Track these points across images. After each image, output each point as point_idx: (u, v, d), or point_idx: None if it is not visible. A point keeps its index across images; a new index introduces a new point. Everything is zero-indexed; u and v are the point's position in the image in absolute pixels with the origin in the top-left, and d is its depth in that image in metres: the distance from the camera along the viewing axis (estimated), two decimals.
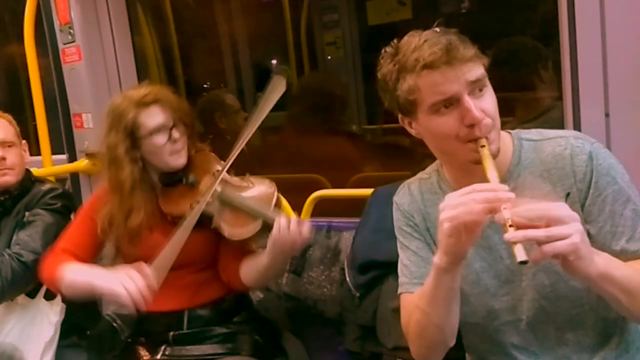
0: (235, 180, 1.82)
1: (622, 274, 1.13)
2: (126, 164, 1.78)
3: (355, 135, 3.23)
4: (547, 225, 1.03)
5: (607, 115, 1.58)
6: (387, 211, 1.80)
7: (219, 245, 1.85)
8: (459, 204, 1.10)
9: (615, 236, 1.22)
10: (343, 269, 1.88)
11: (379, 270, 1.77)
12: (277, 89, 1.74)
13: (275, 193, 1.75)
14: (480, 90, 1.20)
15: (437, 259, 1.17)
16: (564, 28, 1.62)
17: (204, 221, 1.76)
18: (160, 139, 1.77)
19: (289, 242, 1.61)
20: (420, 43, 1.19)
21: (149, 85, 1.88)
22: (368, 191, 1.97)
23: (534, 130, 1.34)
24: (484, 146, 1.19)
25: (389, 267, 1.72)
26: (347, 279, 1.85)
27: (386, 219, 1.79)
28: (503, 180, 1.23)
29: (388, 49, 1.25)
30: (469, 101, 1.18)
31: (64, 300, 2.09)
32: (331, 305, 1.96)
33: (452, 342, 1.30)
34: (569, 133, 1.31)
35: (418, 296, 1.29)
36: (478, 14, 3.42)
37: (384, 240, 1.74)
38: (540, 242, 1.03)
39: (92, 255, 1.87)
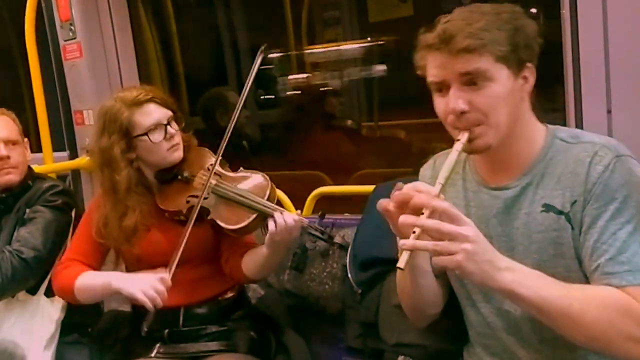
0: (229, 173, 1.84)
1: (536, 294, 1.12)
2: (122, 166, 1.78)
3: (352, 130, 3.23)
4: (441, 239, 1.10)
5: (609, 111, 1.58)
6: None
7: (220, 239, 1.86)
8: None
9: (596, 253, 1.18)
10: (345, 266, 1.88)
11: (381, 267, 1.77)
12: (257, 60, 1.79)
13: (269, 184, 1.77)
14: (475, 83, 1.19)
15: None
16: (566, 24, 1.62)
17: (202, 216, 1.78)
18: (157, 136, 1.78)
19: (287, 235, 1.65)
20: (442, 22, 1.21)
21: (139, 85, 1.89)
22: (369, 188, 1.97)
23: (573, 131, 1.31)
24: (458, 139, 1.22)
25: (391, 264, 1.70)
26: (349, 275, 1.84)
27: None
28: (523, 174, 1.27)
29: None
30: (453, 90, 1.20)
31: None
32: (333, 302, 1.96)
33: (432, 311, 1.45)
34: (604, 140, 1.24)
35: None
36: None
37: (385, 237, 1.72)
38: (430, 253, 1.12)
39: (99, 260, 1.90)
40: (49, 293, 2.06)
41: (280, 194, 2.18)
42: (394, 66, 3.36)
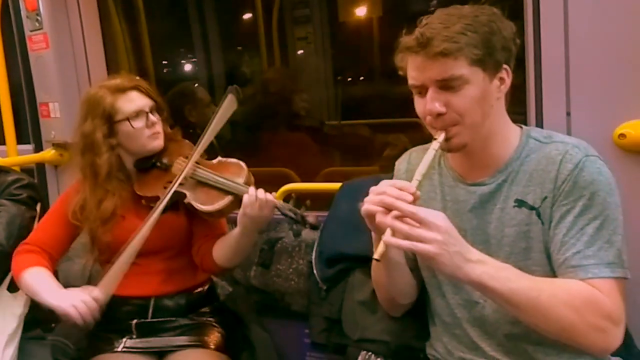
0: (207, 161, 1.87)
1: (505, 286, 1.16)
2: (104, 150, 1.80)
3: (316, 129, 3.25)
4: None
5: (568, 114, 1.62)
6: (354, 204, 1.81)
7: (193, 227, 1.88)
8: (369, 199, 1.22)
9: (564, 247, 1.23)
10: (311, 262, 1.90)
11: (346, 264, 1.80)
12: (229, 107, 1.82)
13: (246, 170, 1.80)
14: (452, 87, 1.23)
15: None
16: (529, 30, 1.66)
17: (178, 203, 1.80)
18: (139, 122, 1.80)
19: (259, 210, 1.66)
20: (421, 24, 1.24)
21: (124, 74, 1.91)
22: (336, 185, 1.99)
23: (546, 131, 1.37)
24: (435, 139, 1.27)
25: (356, 261, 1.75)
26: (315, 272, 1.86)
27: (354, 212, 1.79)
28: (499, 171, 1.32)
29: None
30: (430, 93, 1.24)
31: None
32: (298, 298, 1.98)
33: (405, 301, 1.52)
34: (575, 141, 1.30)
35: None
36: None
37: (351, 233, 1.77)
38: (402, 235, 1.15)
39: (63, 247, 1.91)
40: (12, 288, 2.03)
41: None
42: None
